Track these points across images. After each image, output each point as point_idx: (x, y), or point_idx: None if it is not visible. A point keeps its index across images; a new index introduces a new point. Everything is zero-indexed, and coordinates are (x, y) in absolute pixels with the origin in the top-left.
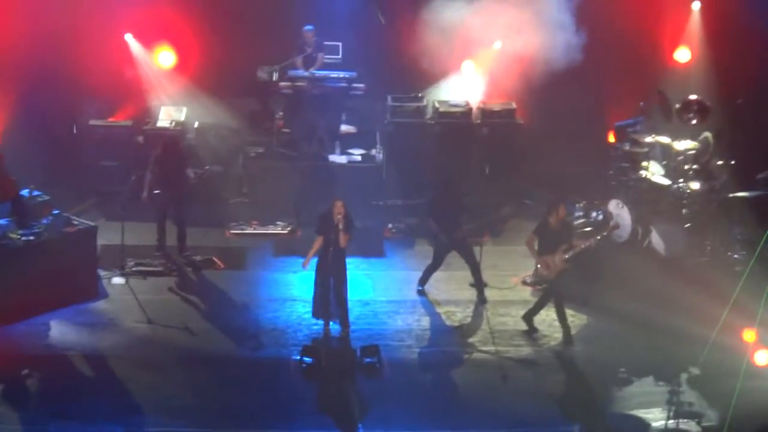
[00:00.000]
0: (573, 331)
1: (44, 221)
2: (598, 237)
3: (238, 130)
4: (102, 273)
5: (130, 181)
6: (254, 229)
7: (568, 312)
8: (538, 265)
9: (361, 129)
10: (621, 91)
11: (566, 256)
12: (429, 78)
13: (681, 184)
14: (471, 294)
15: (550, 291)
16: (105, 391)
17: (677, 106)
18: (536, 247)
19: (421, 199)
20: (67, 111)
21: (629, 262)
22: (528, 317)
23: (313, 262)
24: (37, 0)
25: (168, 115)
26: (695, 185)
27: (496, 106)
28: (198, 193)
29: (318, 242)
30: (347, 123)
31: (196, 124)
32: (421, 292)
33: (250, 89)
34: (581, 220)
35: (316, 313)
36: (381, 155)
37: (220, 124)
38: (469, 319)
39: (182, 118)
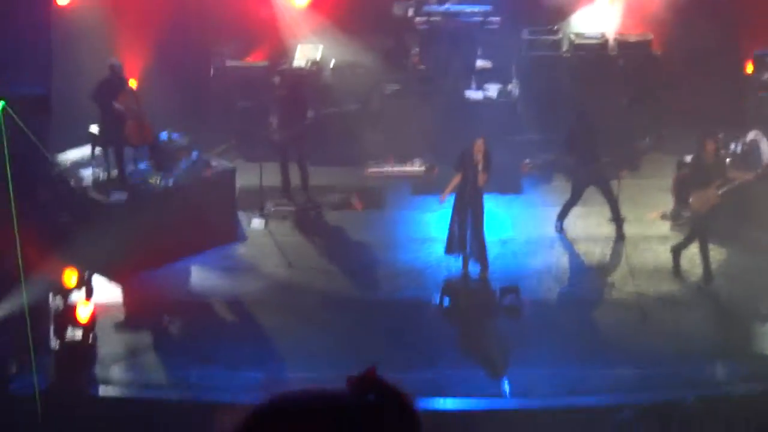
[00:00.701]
0: (714, 267)
1: (182, 164)
2: (759, 171)
3: (374, 68)
4: (242, 215)
5: (267, 123)
6: (392, 167)
7: (711, 247)
8: (690, 199)
9: (497, 64)
10: (760, 18)
11: (719, 192)
12: (564, 10)
13: None
14: (610, 230)
15: (699, 225)
16: (246, 336)
17: None
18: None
19: (558, 134)
20: (203, 52)
21: None
22: (676, 251)
23: (450, 198)
24: None
25: (304, 54)
26: None
27: (632, 37)
28: (333, 132)
29: (456, 179)
30: (482, 58)
31: (332, 63)
32: (560, 229)
33: (386, 25)
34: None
35: (450, 250)
36: (517, 90)
37: (356, 62)
38: (608, 257)
39: (318, 56)
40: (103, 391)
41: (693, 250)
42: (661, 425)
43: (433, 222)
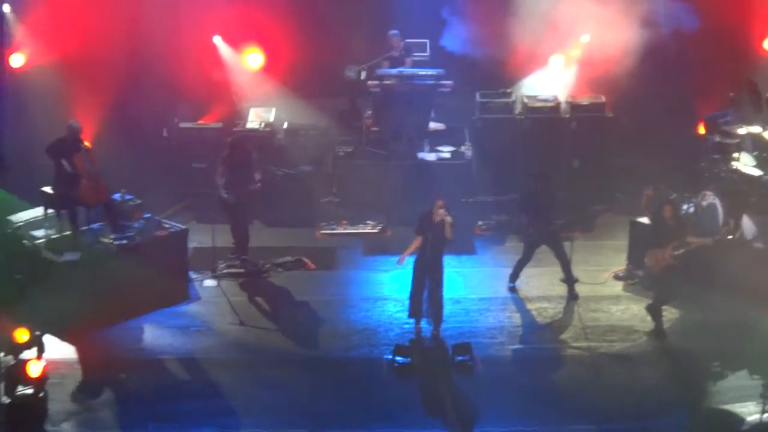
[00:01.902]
0: (666, 325)
1: (136, 225)
2: (717, 237)
3: (327, 130)
4: (194, 275)
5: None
6: (344, 228)
7: (666, 307)
8: (646, 258)
9: (450, 126)
10: (710, 82)
11: (675, 253)
12: (517, 73)
13: None
14: (562, 290)
15: (656, 284)
16: (199, 393)
17: None
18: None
19: (511, 195)
20: (158, 114)
21: (728, 257)
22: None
23: (409, 260)
24: (127, 4)
25: (257, 116)
26: None
27: (585, 100)
28: (286, 194)
29: (416, 242)
30: (436, 120)
31: (285, 125)
32: (512, 289)
33: (339, 88)
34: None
35: (412, 313)
36: (470, 152)
37: (309, 124)
38: (560, 315)
39: (271, 118)
40: None
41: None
42: None
43: (385, 282)
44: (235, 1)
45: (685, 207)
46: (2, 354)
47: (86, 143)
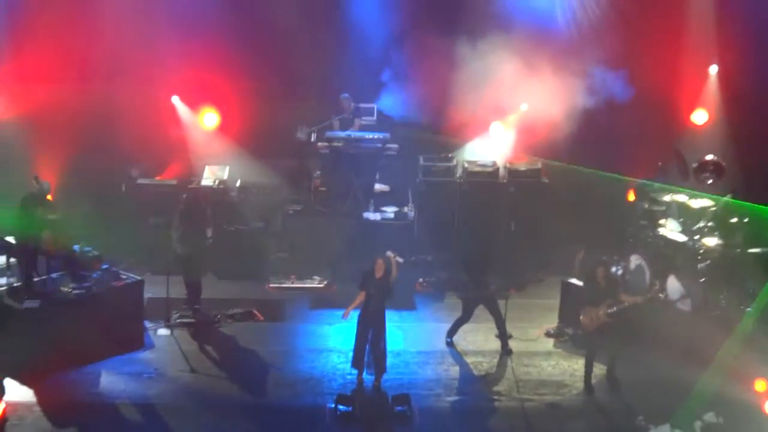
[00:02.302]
0: (596, 380)
1: (94, 275)
2: (648, 296)
3: (278, 188)
4: (148, 324)
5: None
6: (292, 282)
7: (596, 363)
8: (581, 317)
9: (394, 187)
10: (640, 151)
11: (609, 311)
12: (459, 139)
13: (697, 241)
14: (497, 345)
15: (589, 342)
16: None
17: (694, 165)
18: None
19: (450, 255)
20: (116, 170)
21: (654, 315)
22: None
23: (354, 314)
24: (89, 63)
25: (212, 173)
26: (710, 241)
27: (522, 165)
28: (238, 248)
29: (360, 297)
30: (381, 182)
31: (238, 183)
32: (450, 344)
33: (289, 149)
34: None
35: (356, 364)
36: (412, 212)
37: (261, 183)
38: (494, 369)
39: (225, 176)
40: None
41: (577, 364)
42: None
43: (330, 334)
44: (193, 63)
45: (613, 269)
46: None
47: (48, 196)
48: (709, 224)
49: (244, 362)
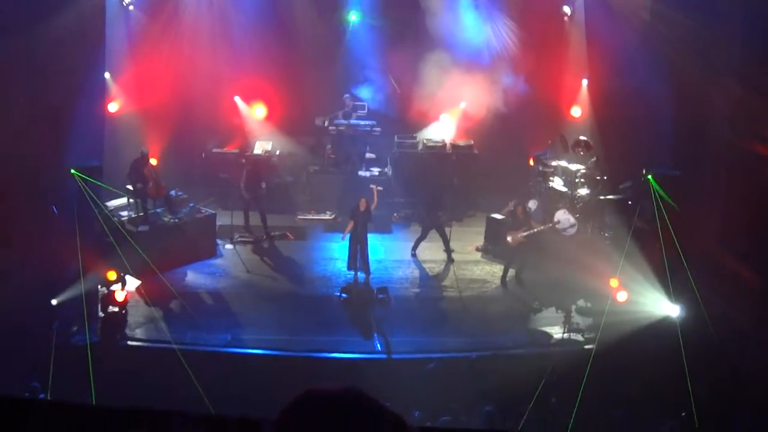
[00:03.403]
0: (507, 279)
1: (184, 210)
2: (549, 225)
3: (303, 156)
4: (219, 241)
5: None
6: (312, 215)
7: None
8: (508, 238)
9: (379, 155)
10: (536, 133)
11: (524, 234)
12: (420, 124)
13: (574, 191)
14: (444, 256)
15: (509, 255)
16: (220, 313)
17: (572, 143)
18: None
19: (415, 198)
20: (199, 143)
21: (550, 238)
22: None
23: (348, 235)
24: (182, 74)
25: (261, 146)
26: (582, 191)
27: (461, 142)
28: (276, 194)
29: (350, 224)
30: (370, 152)
31: (278, 152)
32: (414, 255)
33: (311, 130)
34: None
35: (350, 267)
36: (390, 171)
37: (292, 152)
38: (442, 271)
39: (270, 148)
40: (131, 343)
41: (496, 269)
42: (452, 372)
43: (336, 248)
44: (248, 72)
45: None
46: (100, 286)
47: (153, 160)
48: (581, 180)
49: (282, 266)
